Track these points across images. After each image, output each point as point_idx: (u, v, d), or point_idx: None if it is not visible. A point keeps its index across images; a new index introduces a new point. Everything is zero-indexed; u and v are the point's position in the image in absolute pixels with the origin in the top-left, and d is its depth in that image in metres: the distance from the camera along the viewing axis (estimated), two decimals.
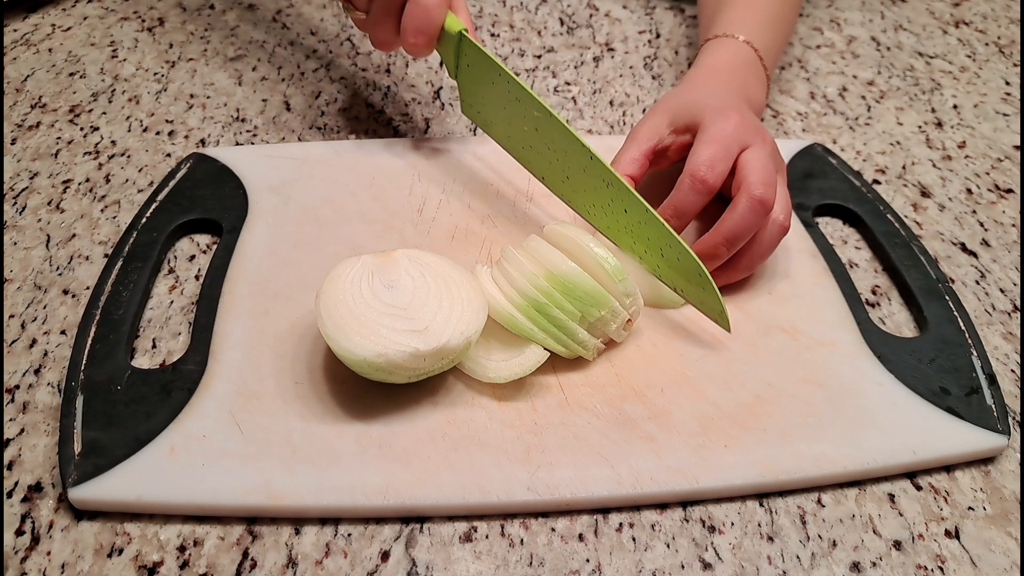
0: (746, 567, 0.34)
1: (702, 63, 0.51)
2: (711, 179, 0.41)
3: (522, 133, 0.45)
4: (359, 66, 0.61)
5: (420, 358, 0.34)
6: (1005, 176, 0.54)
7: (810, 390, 0.39)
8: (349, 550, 0.34)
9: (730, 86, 0.49)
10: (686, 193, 0.42)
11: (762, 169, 0.41)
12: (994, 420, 0.38)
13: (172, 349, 0.40)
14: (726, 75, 0.50)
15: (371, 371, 0.35)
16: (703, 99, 0.45)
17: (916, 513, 0.36)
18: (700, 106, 0.44)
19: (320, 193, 0.48)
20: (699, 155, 0.42)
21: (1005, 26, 0.70)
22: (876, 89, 0.61)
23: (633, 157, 0.44)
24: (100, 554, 0.33)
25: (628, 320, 0.39)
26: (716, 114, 0.43)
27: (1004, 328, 0.44)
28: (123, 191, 0.50)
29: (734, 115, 0.43)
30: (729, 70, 0.50)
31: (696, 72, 0.50)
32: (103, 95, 0.57)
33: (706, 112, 0.44)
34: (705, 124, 0.43)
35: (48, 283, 0.44)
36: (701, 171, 0.41)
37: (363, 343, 0.34)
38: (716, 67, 0.50)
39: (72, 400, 0.36)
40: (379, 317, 0.35)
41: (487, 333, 0.38)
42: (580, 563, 0.34)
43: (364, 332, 0.34)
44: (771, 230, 0.42)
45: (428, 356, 0.34)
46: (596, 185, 0.42)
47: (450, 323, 0.35)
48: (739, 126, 0.43)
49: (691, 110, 0.45)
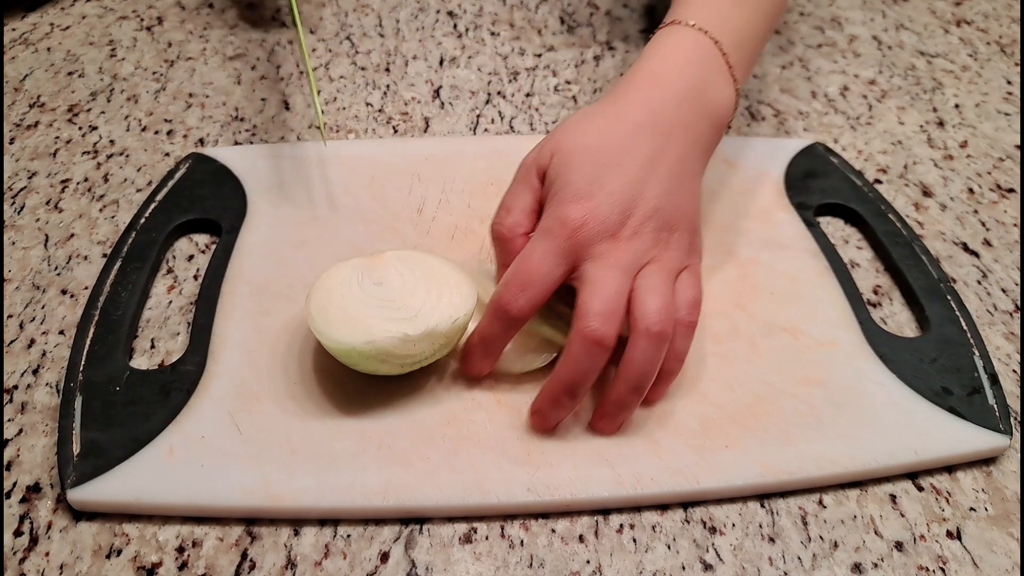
0: (747, 568, 0.33)
1: (636, 70, 0.40)
2: (610, 338, 0.34)
3: None
4: (359, 65, 0.61)
5: (410, 343, 0.34)
6: (1007, 176, 0.54)
7: (811, 390, 0.38)
8: (348, 551, 0.33)
9: (653, 130, 0.37)
10: (582, 358, 0.34)
11: (658, 295, 0.35)
12: (996, 420, 0.38)
13: (171, 349, 0.40)
14: (655, 102, 0.38)
15: (361, 360, 0.35)
16: (595, 211, 0.35)
17: (918, 514, 0.36)
18: (586, 239, 0.35)
19: (319, 193, 0.48)
20: (587, 309, 0.34)
21: (1007, 25, 0.69)
22: (877, 88, 0.61)
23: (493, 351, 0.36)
24: (99, 555, 0.33)
25: None
26: (601, 257, 0.35)
27: (1006, 328, 0.44)
28: (122, 191, 0.49)
29: (624, 240, 0.35)
30: (667, 84, 0.39)
31: (620, 96, 0.39)
32: (102, 94, 0.57)
33: (592, 248, 0.35)
34: (586, 272, 0.35)
35: (46, 283, 0.44)
36: (594, 330, 0.33)
37: (352, 332, 0.34)
38: (647, 85, 0.39)
39: (71, 401, 0.36)
40: (368, 309, 0.35)
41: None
42: (580, 564, 0.33)
43: (353, 323, 0.35)
44: (678, 344, 0.36)
45: (418, 340, 0.35)
46: None
47: (439, 308, 0.36)
48: (629, 252, 0.35)
49: (574, 243, 0.35)
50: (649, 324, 0.34)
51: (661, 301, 0.35)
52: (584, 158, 0.37)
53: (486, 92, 0.59)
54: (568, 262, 0.35)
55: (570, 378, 0.34)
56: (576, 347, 0.34)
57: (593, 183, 0.36)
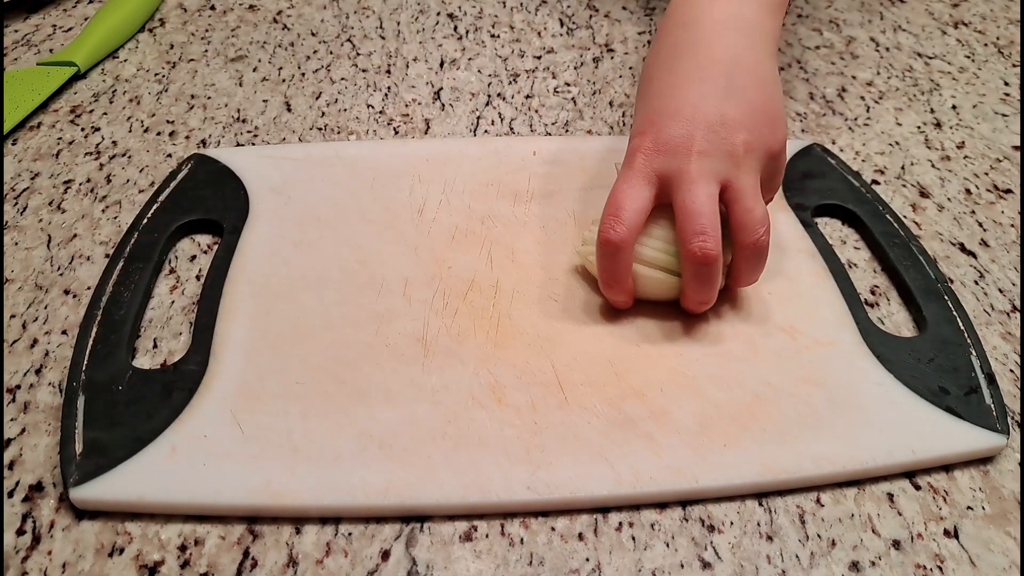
0: (745, 566, 0.34)
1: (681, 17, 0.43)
2: (713, 253, 0.37)
3: None
4: (359, 67, 0.61)
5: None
6: (1004, 176, 0.54)
7: (809, 390, 0.39)
8: (350, 549, 0.34)
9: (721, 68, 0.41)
10: (698, 274, 0.38)
11: (748, 202, 0.38)
12: (993, 420, 0.38)
13: (173, 349, 0.41)
14: (718, 48, 0.42)
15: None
16: (671, 139, 0.39)
17: (915, 512, 0.36)
18: (676, 163, 0.39)
19: (321, 194, 0.48)
20: (686, 232, 0.38)
21: (1004, 27, 0.70)
22: (875, 89, 0.61)
23: (625, 282, 0.40)
24: (101, 553, 0.33)
25: None
26: (685, 174, 0.38)
27: (1003, 328, 0.44)
28: (124, 191, 0.50)
29: (699, 175, 0.38)
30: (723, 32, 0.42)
31: (673, 50, 0.42)
32: (104, 95, 0.57)
33: (680, 172, 0.38)
34: (675, 191, 0.38)
35: (49, 283, 0.44)
36: (696, 251, 0.37)
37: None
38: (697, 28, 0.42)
39: (73, 400, 0.36)
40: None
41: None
42: (580, 562, 0.34)
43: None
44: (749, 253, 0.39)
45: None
46: None
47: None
48: (706, 181, 0.38)
49: (662, 169, 0.39)
50: (753, 239, 0.38)
51: (760, 211, 0.38)
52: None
53: (486, 94, 0.59)
54: (652, 183, 0.39)
55: (697, 296, 0.39)
56: (690, 269, 0.38)
57: (660, 110, 0.40)
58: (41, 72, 0.57)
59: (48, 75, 0.57)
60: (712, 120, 0.39)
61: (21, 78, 0.57)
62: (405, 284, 0.43)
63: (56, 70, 0.58)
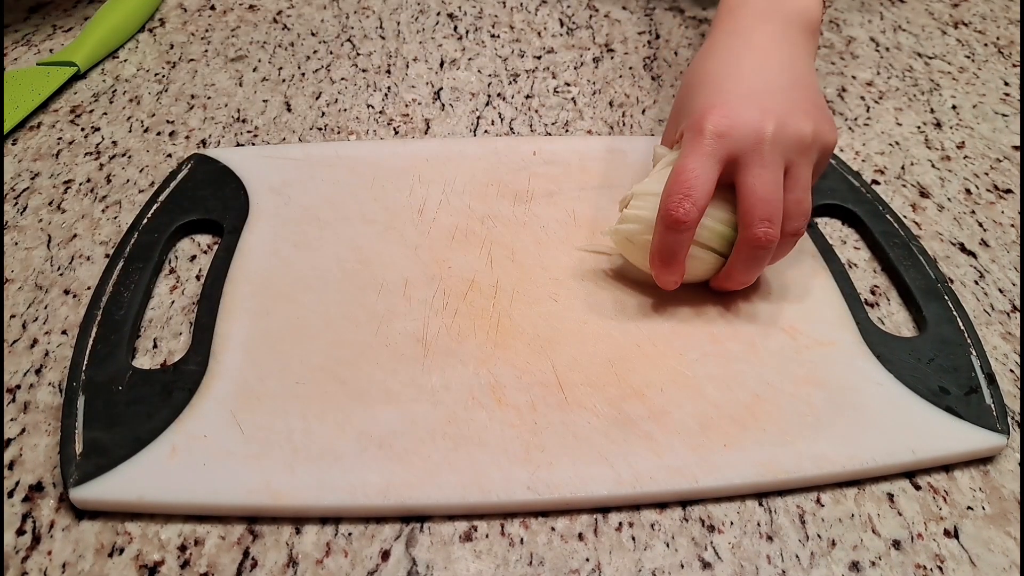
0: (745, 566, 0.34)
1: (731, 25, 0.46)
2: (775, 239, 0.39)
3: None
4: (359, 67, 0.61)
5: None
6: (1004, 176, 0.54)
7: (809, 390, 0.39)
8: (350, 549, 0.34)
9: (778, 52, 0.44)
10: (752, 256, 0.39)
11: (800, 194, 0.40)
12: (993, 420, 0.38)
13: (173, 349, 0.41)
14: (766, 38, 0.44)
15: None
16: (745, 121, 0.39)
17: (915, 513, 0.36)
18: (749, 145, 0.39)
19: (321, 194, 0.48)
20: (751, 217, 0.38)
21: (1004, 27, 0.70)
22: (875, 90, 0.61)
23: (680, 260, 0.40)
24: (101, 554, 0.33)
25: None
26: (758, 157, 0.39)
27: (1003, 328, 0.44)
28: (124, 191, 0.50)
29: (771, 159, 0.39)
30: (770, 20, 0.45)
31: (730, 51, 0.44)
32: (104, 95, 0.57)
33: (754, 155, 0.39)
34: (743, 172, 0.39)
35: (49, 283, 0.44)
36: (763, 234, 0.38)
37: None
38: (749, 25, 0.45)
39: (73, 400, 0.36)
40: None
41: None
42: (580, 562, 0.34)
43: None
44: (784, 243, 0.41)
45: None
46: None
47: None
48: (777, 166, 0.39)
49: (733, 150, 0.39)
50: (794, 228, 0.40)
51: (808, 204, 0.40)
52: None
53: (486, 94, 0.59)
54: (721, 163, 0.39)
55: (743, 276, 0.40)
56: (746, 251, 0.39)
57: (729, 92, 0.41)
58: (41, 72, 0.57)
59: (48, 75, 0.57)
60: (785, 108, 0.40)
61: (21, 78, 0.57)
62: (405, 284, 0.43)
63: (56, 70, 0.58)
